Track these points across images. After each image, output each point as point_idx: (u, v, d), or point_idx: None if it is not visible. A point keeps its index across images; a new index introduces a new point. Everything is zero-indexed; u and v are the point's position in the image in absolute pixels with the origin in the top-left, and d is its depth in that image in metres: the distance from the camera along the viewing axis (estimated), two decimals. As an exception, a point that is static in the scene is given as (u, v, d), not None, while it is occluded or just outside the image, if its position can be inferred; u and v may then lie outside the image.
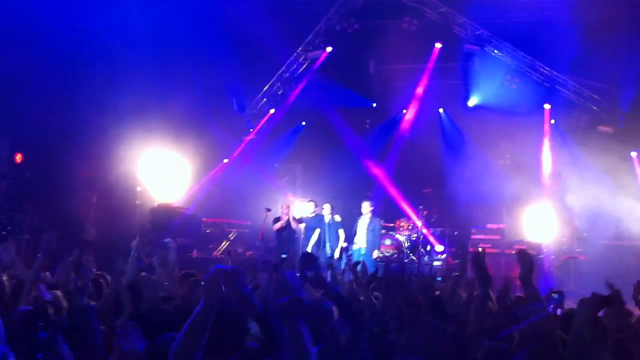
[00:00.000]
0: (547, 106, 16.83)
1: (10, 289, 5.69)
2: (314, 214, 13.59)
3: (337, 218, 13.37)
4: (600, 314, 4.83)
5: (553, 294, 6.23)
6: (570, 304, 6.50)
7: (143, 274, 7.01)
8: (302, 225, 13.50)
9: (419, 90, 18.08)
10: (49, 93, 12.30)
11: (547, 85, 16.69)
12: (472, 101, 17.57)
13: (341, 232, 13.26)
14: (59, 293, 5.30)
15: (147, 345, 4.42)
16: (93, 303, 5.25)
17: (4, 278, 5.72)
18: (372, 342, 3.87)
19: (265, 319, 4.19)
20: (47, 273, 6.97)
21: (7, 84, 11.85)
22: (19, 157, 13.84)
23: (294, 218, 13.57)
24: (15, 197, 13.36)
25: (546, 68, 16.57)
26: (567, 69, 16.24)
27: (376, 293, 5.54)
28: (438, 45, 17.58)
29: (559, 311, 5.97)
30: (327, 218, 13.23)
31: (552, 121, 16.90)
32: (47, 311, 4.60)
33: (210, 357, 3.38)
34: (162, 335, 4.31)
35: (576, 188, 14.40)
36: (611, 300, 5.10)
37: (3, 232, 12.31)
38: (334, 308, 4.29)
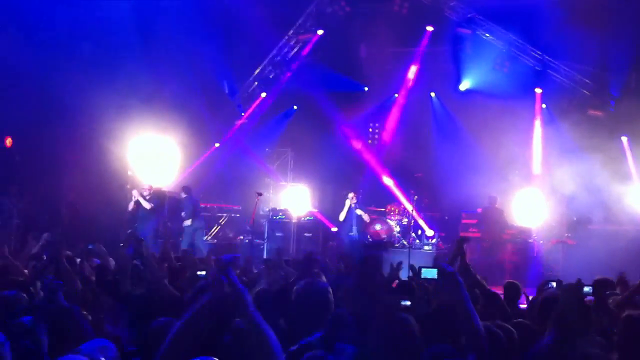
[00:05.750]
0: (538, 90, 16.79)
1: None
2: None
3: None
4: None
5: (550, 282, 6.26)
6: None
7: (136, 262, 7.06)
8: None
9: (411, 74, 18.03)
10: (38, 77, 12.23)
11: (538, 69, 16.65)
12: (464, 85, 17.53)
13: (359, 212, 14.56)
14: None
15: (142, 329, 4.43)
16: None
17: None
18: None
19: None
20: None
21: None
22: (8, 141, 13.76)
23: None
24: (4, 182, 13.32)
25: (538, 52, 16.53)
26: (558, 53, 16.20)
27: None
28: (429, 28, 17.49)
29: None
30: (352, 203, 14.37)
31: (544, 105, 16.88)
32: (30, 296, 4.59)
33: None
34: (156, 320, 4.32)
35: (566, 172, 14.42)
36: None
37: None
38: (330, 289, 4.30)
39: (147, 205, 13.65)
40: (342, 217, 14.57)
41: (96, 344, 3.45)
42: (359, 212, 14.48)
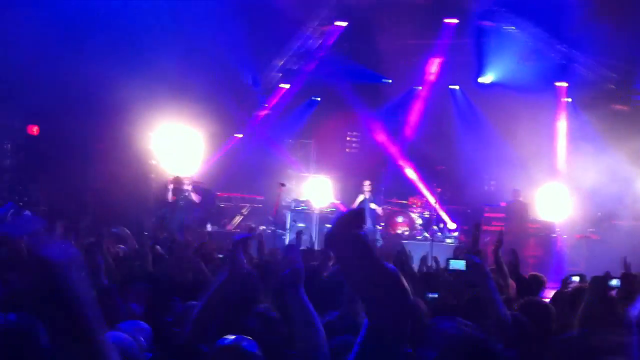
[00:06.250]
0: (563, 84, 16.65)
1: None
2: None
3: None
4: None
5: (572, 277, 6.29)
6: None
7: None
8: None
9: (433, 66, 17.96)
10: (66, 66, 12.35)
11: (563, 62, 16.49)
12: (487, 78, 17.43)
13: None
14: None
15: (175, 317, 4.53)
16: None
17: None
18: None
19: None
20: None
21: (24, 57, 11.93)
22: (35, 129, 13.97)
23: None
24: (31, 169, 13.52)
25: (563, 45, 16.38)
26: (584, 47, 16.03)
27: None
28: (454, 20, 17.41)
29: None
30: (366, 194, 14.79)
31: (569, 99, 16.71)
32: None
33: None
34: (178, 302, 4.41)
35: (591, 167, 14.30)
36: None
37: (20, 203, 12.47)
38: None
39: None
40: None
41: (133, 325, 3.55)
42: (372, 205, 14.48)
